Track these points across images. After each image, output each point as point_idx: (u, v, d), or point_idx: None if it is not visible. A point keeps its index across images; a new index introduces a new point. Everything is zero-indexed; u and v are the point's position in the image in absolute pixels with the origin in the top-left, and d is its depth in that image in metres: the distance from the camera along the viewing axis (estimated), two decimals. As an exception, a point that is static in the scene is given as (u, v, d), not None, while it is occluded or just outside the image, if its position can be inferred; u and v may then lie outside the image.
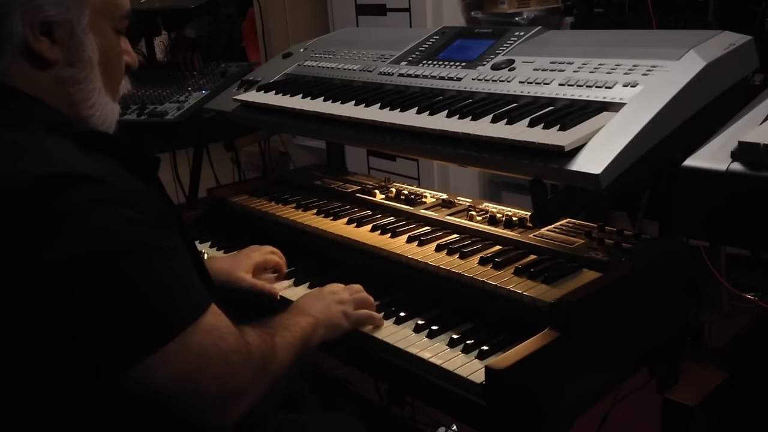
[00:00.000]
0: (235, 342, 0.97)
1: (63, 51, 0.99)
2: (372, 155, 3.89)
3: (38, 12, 0.95)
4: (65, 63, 1.00)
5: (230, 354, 0.95)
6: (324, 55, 1.91)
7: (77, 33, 0.99)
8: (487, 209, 1.65)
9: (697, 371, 1.14)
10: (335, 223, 1.68)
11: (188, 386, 0.91)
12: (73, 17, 0.98)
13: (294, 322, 1.19)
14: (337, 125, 1.55)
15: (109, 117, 1.08)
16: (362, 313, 1.30)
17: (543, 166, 1.15)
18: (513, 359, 1.07)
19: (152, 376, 0.87)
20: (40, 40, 0.97)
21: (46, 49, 0.97)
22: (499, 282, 1.30)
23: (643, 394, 1.49)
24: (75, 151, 0.92)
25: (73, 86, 1.02)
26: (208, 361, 0.92)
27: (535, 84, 1.37)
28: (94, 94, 1.04)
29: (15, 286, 0.83)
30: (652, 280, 1.33)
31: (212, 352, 0.93)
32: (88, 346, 0.85)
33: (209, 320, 0.94)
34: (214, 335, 0.94)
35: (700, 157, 0.99)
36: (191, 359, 0.90)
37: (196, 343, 0.91)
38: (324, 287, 1.35)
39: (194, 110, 2.32)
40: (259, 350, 1.02)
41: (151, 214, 0.92)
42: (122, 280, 0.86)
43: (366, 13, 3.75)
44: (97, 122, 1.06)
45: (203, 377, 0.92)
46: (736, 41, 1.31)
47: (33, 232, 0.83)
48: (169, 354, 0.88)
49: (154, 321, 0.88)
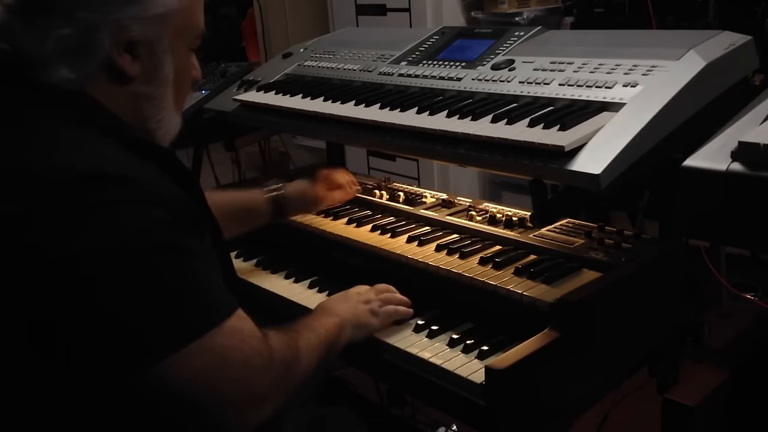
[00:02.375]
0: (258, 346, 0.97)
1: (142, 69, 1.02)
2: (372, 155, 3.89)
3: (125, 30, 0.98)
4: (143, 80, 1.03)
5: (252, 358, 0.95)
6: (324, 55, 1.91)
7: (158, 53, 1.02)
8: (487, 209, 1.65)
9: (697, 371, 1.14)
10: (335, 222, 1.68)
11: (208, 388, 0.90)
12: (156, 38, 1.01)
13: (319, 323, 1.19)
14: (337, 125, 1.55)
15: (172, 129, 1.12)
16: (389, 309, 1.31)
17: (543, 166, 1.15)
18: (513, 359, 1.07)
19: (172, 376, 0.87)
20: (123, 57, 0.99)
21: (128, 66, 1.00)
22: (499, 282, 1.30)
23: (643, 394, 1.49)
24: (122, 154, 0.95)
25: (146, 101, 1.05)
26: (229, 363, 0.92)
27: (535, 84, 1.37)
28: (165, 111, 1.08)
29: (41, 277, 0.84)
30: (652, 280, 1.33)
31: (234, 354, 0.93)
32: (109, 341, 0.85)
33: (233, 323, 0.94)
34: (237, 338, 0.94)
35: (700, 157, 0.99)
36: (212, 361, 0.90)
37: (218, 345, 0.91)
38: (350, 289, 1.36)
39: (194, 110, 2.32)
40: (282, 355, 1.02)
41: (183, 217, 0.93)
42: (147, 278, 0.87)
43: (366, 13, 3.75)
44: (161, 135, 1.09)
45: (223, 379, 0.92)
46: (736, 41, 1.31)
47: (62, 224, 0.84)
48: (190, 355, 0.88)
49: (177, 321, 0.88)
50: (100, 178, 0.88)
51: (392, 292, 1.36)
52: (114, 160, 0.92)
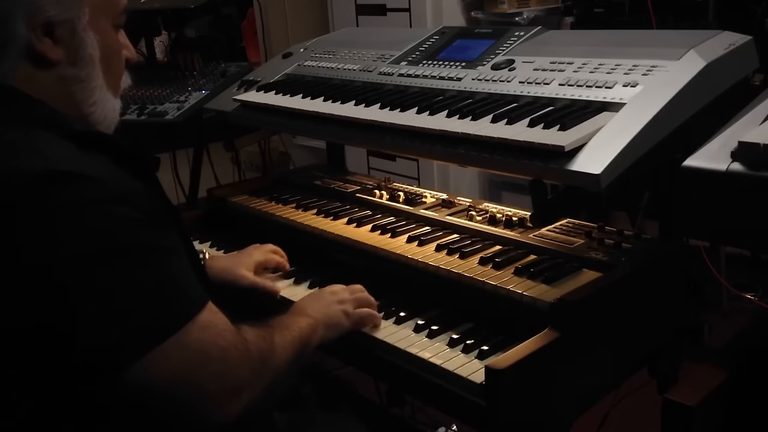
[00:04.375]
0: (233, 339, 0.98)
1: (65, 50, 1.00)
2: (372, 155, 3.88)
3: (40, 13, 0.96)
4: (67, 62, 1.01)
5: (228, 350, 0.96)
6: (324, 55, 1.91)
7: (78, 32, 1.00)
8: (487, 209, 1.65)
9: (697, 371, 1.13)
10: (335, 223, 1.68)
11: (187, 383, 0.91)
12: (74, 16, 0.99)
13: (293, 321, 1.19)
14: (337, 125, 1.55)
15: (110, 114, 1.09)
16: (362, 312, 1.30)
17: (543, 166, 1.15)
18: (513, 359, 1.07)
19: (151, 374, 0.87)
20: (43, 41, 0.97)
21: (49, 50, 0.98)
22: (499, 282, 1.30)
23: (643, 394, 1.49)
24: (71, 150, 0.93)
25: (75, 85, 1.02)
26: (206, 357, 0.93)
27: (535, 84, 1.37)
28: (96, 92, 1.05)
29: (10, 286, 0.83)
30: (652, 280, 1.33)
31: (210, 348, 0.93)
32: (86, 345, 0.85)
33: (206, 317, 0.94)
34: (212, 332, 0.94)
35: (700, 157, 0.99)
36: (189, 356, 0.90)
37: (194, 340, 0.91)
38: (324, 288, 1.35)
39: (194, 110, 2.32)
40: (257, 347, 1.02)
41: (146, 212, 0.92)
42: (118, 279, 0.86)
43: (366, 13, 3.75)
44: (98, 119, 1.06)
45: (202, 373, 0.92)
46: (736, 41, 1.31)
47: (26, 231, 0.83)
48: (167, 351, 0.88)
49: (151, 319, 0.88)
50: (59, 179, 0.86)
51: (364, 292, 1.35)
52: (68, 158, 0.90)
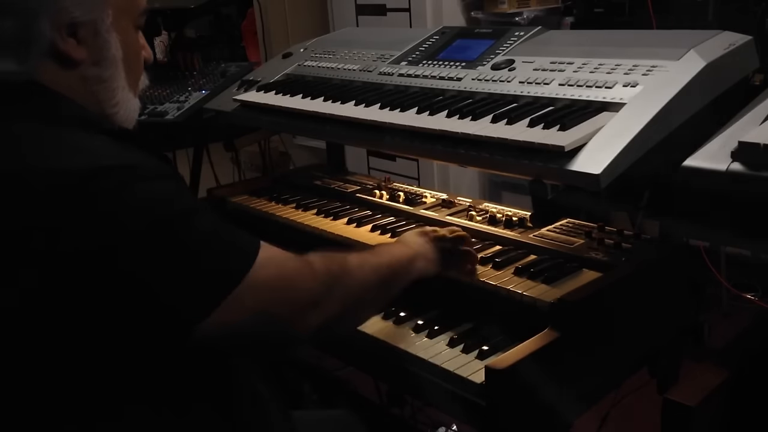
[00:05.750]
0: (295, 264, 1.03)
1: (88, 51, 1.02)
2: (372, 155, 3.88)
3: (65, 14, 0.97)
4: (91, 62, 1.02)
5: (293, 276, 1.01)
6: (324, 55, 1.91)
7: (101, 32, 1.02)
8: (487, 209, 1.65)
9: (697, 371, 1.13)
10: (335, 223, 1.68)
11: (266, 316, 0.96)
12: (98, 17, 1.01)
13: (387, 250, 1.24)
14: (337, 125, 1.55)
15: (132, 114, 1.12)
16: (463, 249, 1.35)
17: (543, 166, 1.15)
18: (513, 359, 1.07)
19: (230, 319, 0.91)
20: (66, 41, 0.99)
21: (72, 50, 1.00)
22: (499, 282, 1.30)
23: (643, 394, 1.49)
24: (112, 144, 0.96)
25: (98, 85, 1.05)
26: (275, 289, 0.97)
27: (535, 84, 1.37)
28: (119, 93, 1.08)
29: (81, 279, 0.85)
30: (652, 280, 1.33)
31: (276, 281, 0.98)
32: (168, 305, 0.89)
33: (265, 254, 0.97)
34: (274, 266, 0.98)
35: (700, 157, 0.99)
36: (261, 294, 0.95)
37: (261, 278, 0.95)
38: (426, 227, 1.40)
39: (194, 110, 2.32)
40: (324, 266, 1.07)
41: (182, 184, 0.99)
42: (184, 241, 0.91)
43: (366, 13, 3.75)
44: (121, 119, 1.09)
45: (275, 304, 0.97)
46: (736, 41, 1.31)
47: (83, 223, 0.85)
48: (240, 296, 0.92)
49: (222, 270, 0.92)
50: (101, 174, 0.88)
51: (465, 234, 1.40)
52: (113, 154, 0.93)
